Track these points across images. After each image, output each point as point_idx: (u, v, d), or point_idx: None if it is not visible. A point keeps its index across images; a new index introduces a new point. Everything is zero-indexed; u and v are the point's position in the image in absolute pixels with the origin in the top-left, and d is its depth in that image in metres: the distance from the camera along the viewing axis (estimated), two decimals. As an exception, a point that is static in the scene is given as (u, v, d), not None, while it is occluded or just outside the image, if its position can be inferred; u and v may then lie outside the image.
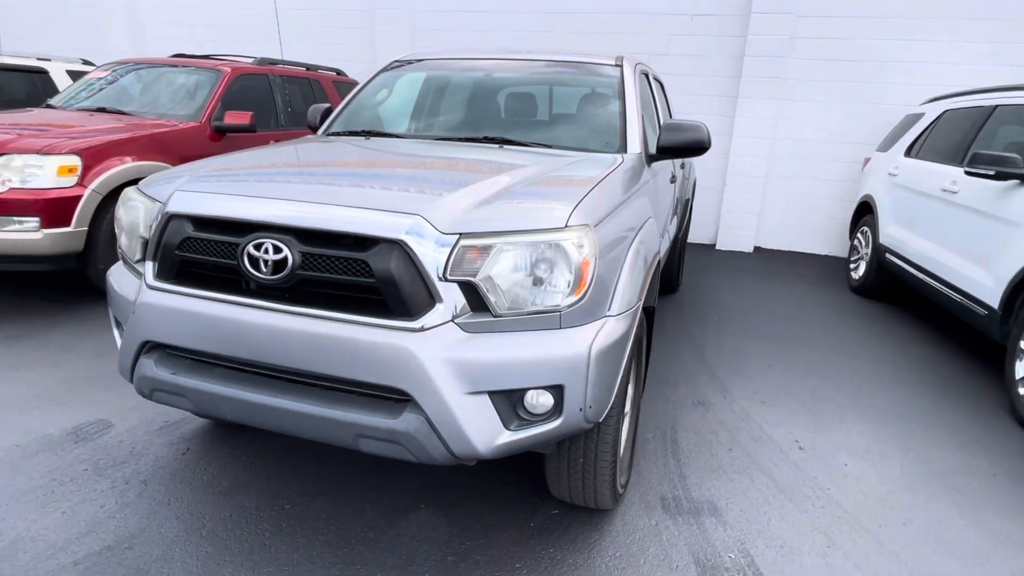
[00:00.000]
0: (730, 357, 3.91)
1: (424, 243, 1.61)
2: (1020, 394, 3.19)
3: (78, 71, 7.44)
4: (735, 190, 7.25)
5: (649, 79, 3.59)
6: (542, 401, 1.70)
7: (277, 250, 1.67)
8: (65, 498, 2.25)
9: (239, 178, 1.97)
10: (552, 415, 1.71)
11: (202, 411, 1.85)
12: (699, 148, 2.69)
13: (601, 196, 1.96)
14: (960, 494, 2.54)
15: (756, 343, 4.19)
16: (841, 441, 2.91)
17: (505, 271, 1.65)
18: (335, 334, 1.64)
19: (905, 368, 3.89)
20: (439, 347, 1.60)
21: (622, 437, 2.21)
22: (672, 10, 7.12)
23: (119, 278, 2.09)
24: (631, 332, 1.90)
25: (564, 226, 1.69)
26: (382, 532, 2.15)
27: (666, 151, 2.73)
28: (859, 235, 5.89)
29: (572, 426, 1.73)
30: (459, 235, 1.63)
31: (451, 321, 1.63)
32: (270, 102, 5.79)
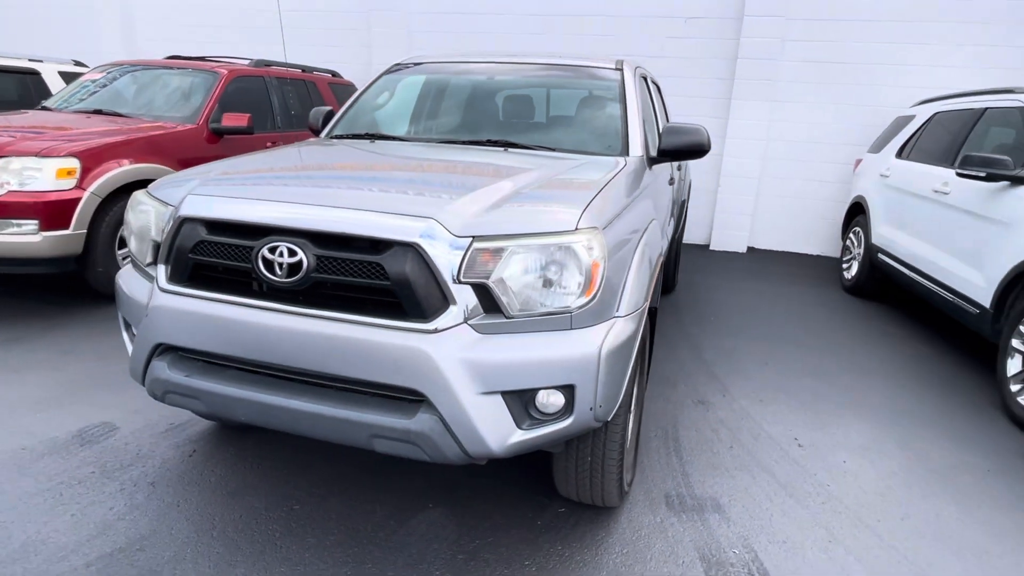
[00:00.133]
0: (728, 356, 3.96)
1: (438, 246, 1.64)
2: (1012, 391, 3.25)
3: (70, 72, 7.39)
4: (729, 191, 7.31)
5: (648, 82, 3.64)
6: (553, 401, 1.73)
7: (292, 253, 1.69)
8: (74, 501, 2.25)
9: (251, 182, 1.99)
10: (563, 414, 1.74)
11: (215, 413, 1.87)
12: (699, 151, 2.74)
13: (608, 199, 1.99)
14: (957, 490, 2.59)
15: (753, 342, 4.25)
16: (839, 438, 2.97)
17: (517, 273, 1.68)
18: (350, 336, 1.66)
19: (899, 366, 3.96)
20: (453, 348, 1.63)
21: (629, 435, 2.25)
22: (666, 13, 7.18)
23: (129, 281, 2.10)
24: (639, 332, 1.93)
25: (574, 229, 1.72)
26: (392, 531, 2.18)
27: (667, 154, 2.77)
28: (851, 235, 5.96)
29: (582, 425, 1.76)
30: (472, 238, 1.66)
31: (464, 323, 1.66)
32: (266, 104, 5.79)
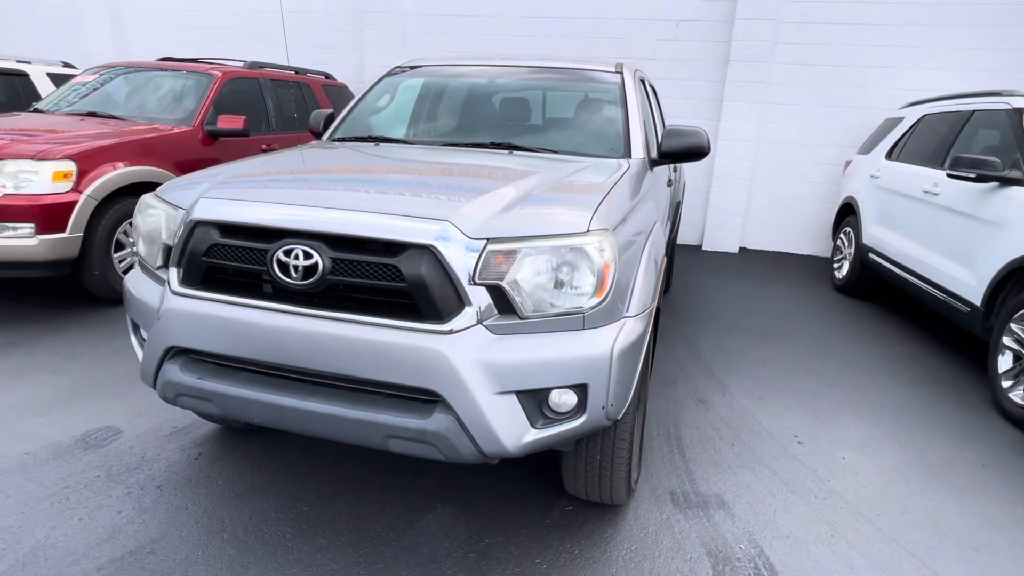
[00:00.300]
0: (725, 355, 4.01)
1: (453, 248, 1.66)
2: (1003, 387, 3.33)
3: (59, 74, 7.33)
4: (721, 192, 7.39)
5: (645, 85, 3.68)
6: (566, 400, 1.76)
7: (307, 256, 1.70)
8: (81, 505, 2.25)
9: (263, 185, 2.00)
10: (576, 413, 1.77)
11: (228, 415, 1.88)
12: (699, 153, 2.78)
13: (615, 201, 2.02)
14: (953, 484, 2.65)
15: (749, 341, 4.30)
16: (838, 435, 3.02)
17: (531, 275, 1.70)
18: (366, 337, 1.68)
19: (892, 364, 4.03)
20: (469, 349, 1.65)
21: (637, 434, 2.28)
22: (658, 15, 7.25)
23: (137, 284, 2.10)
24: (647, 332, 1.97)
25: (586, 231, 1.75)
26: (402, 531, 2.19)
27: (667, 156, 2.81)
28: (842, 235, 6.05)
29: (595, 423, 1.79)
30: (486, 240, 1.69)
31: (479, 323, 1.68)
32: (261, 106, 5.77)
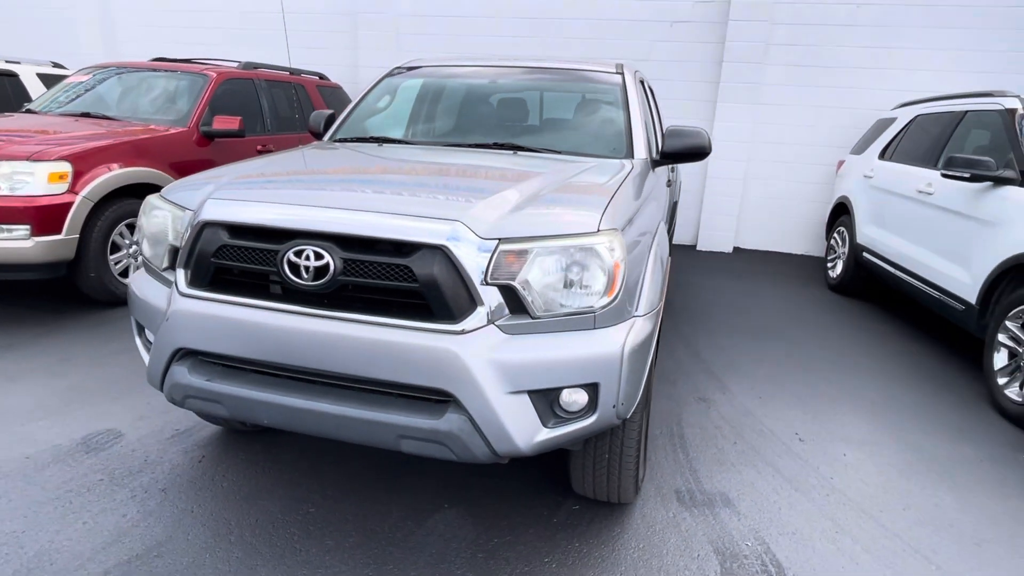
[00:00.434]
0: (723, 354, 4.04)
1: (465, 248, 1.66)
2: (999, 384, 3.37)
3: (49, 74, 7.26)
4: (715, 192, 7.43)
5: (644, 86, 3.70)
6: (577, 399, 1.76)
7: (319, 256, 1.70)
8: (85, 508, 2.23)
9: (271, 185, 1.99)
10: (587, 412, 1.77)
11: (237, 417, 1.87)
12: (701, 153, 2.80)
13: (622, 201, 2.03)
14: (953, 480, 2.69)
15: (746, 340, 4.33)
16: (838, 432, 3.05)
17: (542, 274, 1.71)
18: (378, 338, 1.67)
19: (888, 362, 4.07)
20: (482, 349, 1.65)
21: (644, 432, 2.29)
22: (652, 17, 7.28)
23: (142, 285, 2.08)
24: (656, 331, 1.98)
25: (596, 230, 1.76)
26: (410, 532, 2.19)
27: (669, 156, 2.83)
28: (836, 235, 6.10)
29: (605, 422, 1.80)
30: (498, 240, 1.69)
31: (491, 323, 1.68)
32: (256, 107, 5.74)
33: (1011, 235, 3.45)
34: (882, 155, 5.50)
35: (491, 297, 1.69)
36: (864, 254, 5.34)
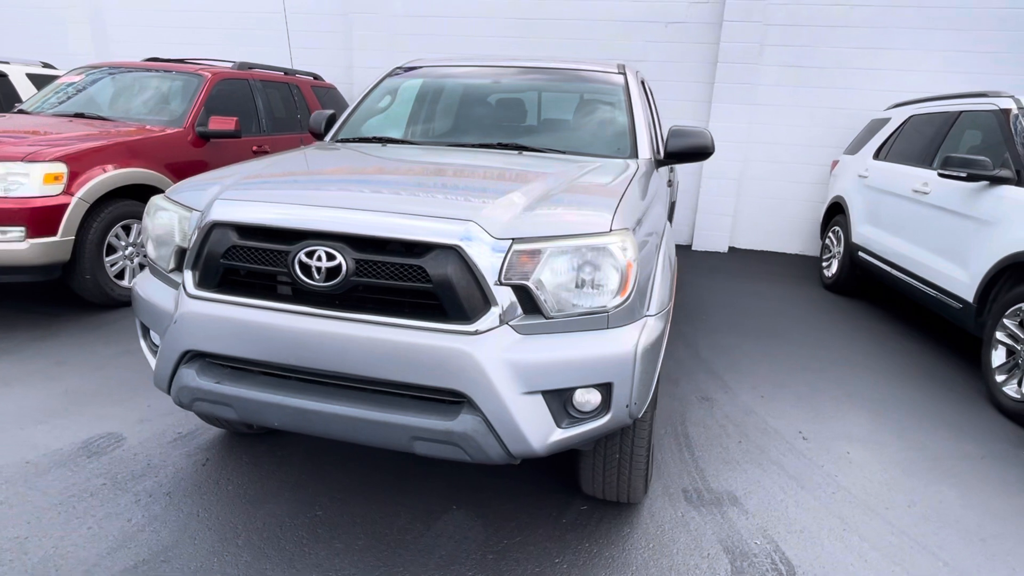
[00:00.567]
0: (724, 353, 4.05)
1: (479, 248, 1.66)
2: (997, 381, 3.40)
3: (39, 74, 7.17)
4: (710, 192, 7.46)
5: (645, 86, 3.70)
6: (590, 399, 1.76)
7: (330, 257, 1.68)
8: (89, 513, 2.20)
9: (280, 185, 1.98)
10: (600, 412, 1.77)
11: (247, 419, 1.85)
12: (704, 153, 2.80)
13: (631, 201, 2.03)
14: (956, 476, 2.71)
15: (745, 339, 4.35)
16: (841, 430, 3.07)
17: (556, 274, 1.70)
18: (392, 339, 1.66)
19: (885, 360, 4.10)
20: (496, 349, 1.64)
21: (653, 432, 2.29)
22: (647, 17, 7.30)
23: (148, 287, 2.06)
24: (666, 331, 1.98)
25: (608, 230, 1.75)
26: (419, 534, 2.18)
27: (673, 156, 2.83)
28: (830, 234, 6.14)
29: (618, 422, 1.80)
30: (512, 240, 1.69)
31: (505, 324, 1.68)
32: (251, 107, 5.70)
33: (1008, 234, 3.48)
34: (876, 155, 5.55)
35: (504, 297, 1.68)
36: (859, 253, 5.38)
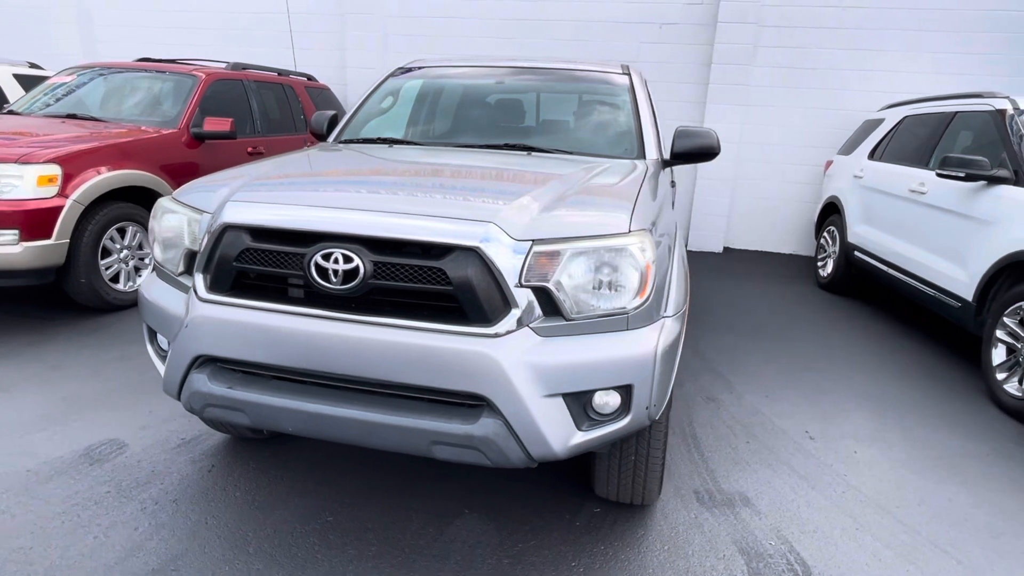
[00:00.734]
0: (726, 353, 4.06)
1: (499, 249, 1.64)
2: (998, 379, 3.43)
3: (26, 75, 7.07)
4: (705, 193, 7.49)
5: (647, 87, 3.70)
6: (609, 401, 1.75)
7: (348, 260, 1.66)
8: (93, 522, 2.15)
9: (293, 187, 1.95)
10: (620, 414, 1.76)
11: (260, 425, 1.82)
12: (710, 154, 2.80)
13: (645, 202, 2.02)
14: (963, 474, 2.72)
15: (746, 339, 4.36)
16: (847, 430, 3.08)
17: (576, 276, 1.69)
18: (412, 342, 1.64)
19: (885, 358, 4.12)
20: (517, 352, 1.62)
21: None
22: (641, 19, 7.32)
23: (154, 291, 2.02)
24: (683, 332, 1.97)
25: (627, 231, 1.74)
26: (432, 539, 2.15)
27: (679, 157, 2.83)
28: (825, 234, 6.18)
29: (638, 424, 1.78)
30: (532, 241, 1.67)
31: (526, 326, 1.66)
32: (246, 108, 5.64)
33: (1007, 233, 3.51)
34: (871, 155, 5.59)
35: (524, 299, 1.66)
36: (855, 253, 5.42)
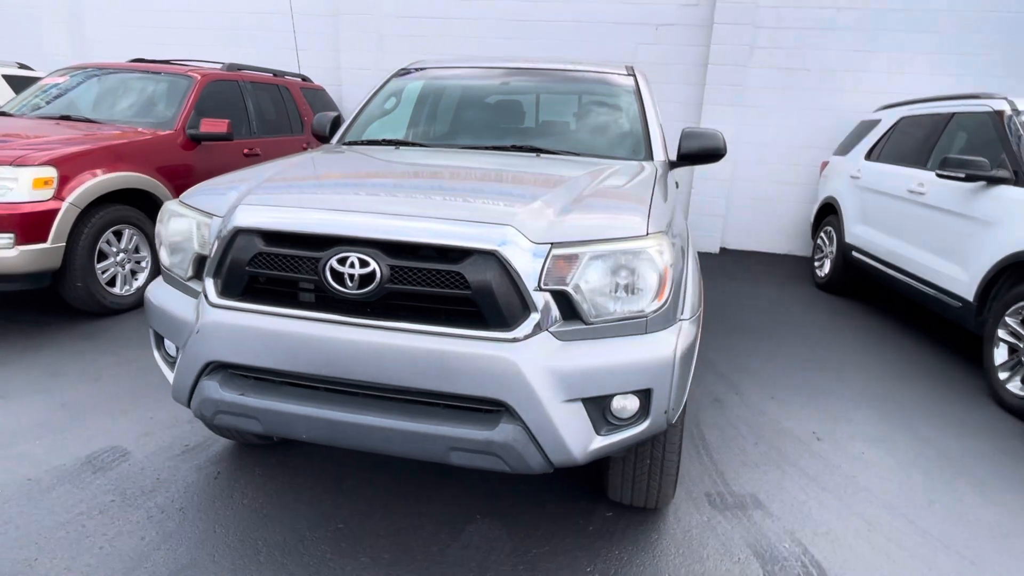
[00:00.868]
0: (728, 354, 4.06)
1: (518, 253, 1.62)
2: (1001, 379, 3.45)
3: (16, 76, 6.98)
4: (702, 194, 7.51)
5: (650, 87, 3.69)
6: (627, 405, 1.73)
7: (364, 264, 1.63)
8: (99, 532, 2.11)
9: (306, 190, 1.92)
10: (639, 419, 1.74)
11: (273, 432, 1.79)
12: (716, 155, 2.80)
13: (659, 203, 2.01)
14: (970, 474, 2.73)
15: (747, 340, 4.36)
16: (853, 430, 3.08)
17: (595, 279, 1.67)
18: (429, 347, 1.61)
19: (886, 358, 4.14)
20: (537, 356, 1.61)
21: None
22: (637, 20, 7.33)
23: (162, 296, 1.98)
24: (699, 335, 1.96)
25: (645, 234, 1.73)
26: (445, 546, 2.13)
27: (686, 158, 2.82)
28: (822, 234, 6.21)
29: (656, 428, 1.77)
30: (551, 244, 1.65)
31: (545, 330, 1.64)
32: (241, 109, 5.59)
33: (1007, 233, 3.54)
34: (868, 156, 5.62)
35: (543, 303, 1.64)
36: (854, 253, 5.44)
